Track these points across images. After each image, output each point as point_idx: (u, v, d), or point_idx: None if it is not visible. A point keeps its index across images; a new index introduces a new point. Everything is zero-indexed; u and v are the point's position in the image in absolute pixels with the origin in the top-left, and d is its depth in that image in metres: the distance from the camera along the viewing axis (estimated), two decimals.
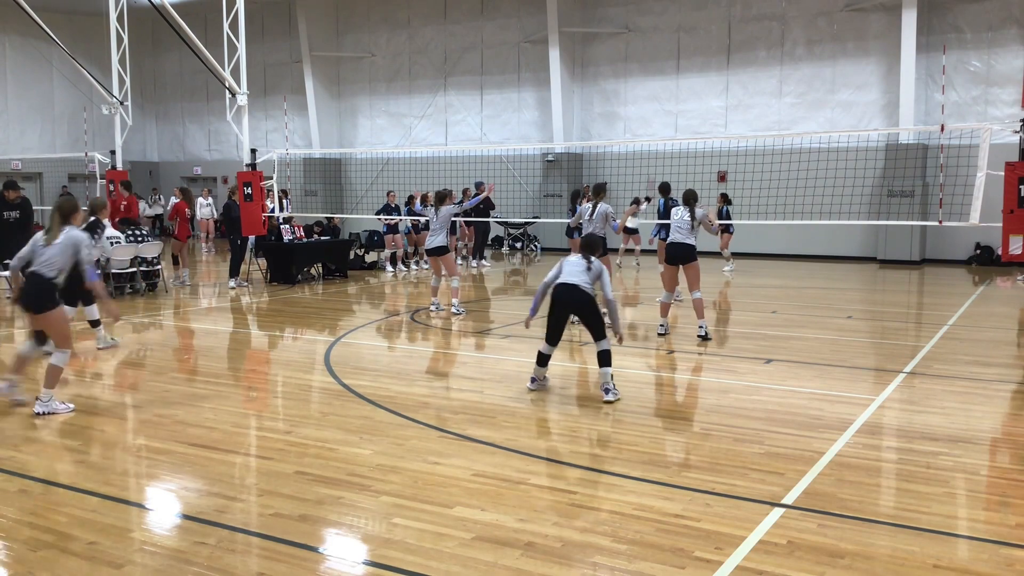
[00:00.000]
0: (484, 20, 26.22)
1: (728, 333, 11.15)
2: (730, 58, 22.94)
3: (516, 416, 6.92)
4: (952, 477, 5.45)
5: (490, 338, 10.83)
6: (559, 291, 7.41)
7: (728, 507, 4.92)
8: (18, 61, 28.81)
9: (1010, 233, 11.17)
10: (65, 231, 6.66)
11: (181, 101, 32.53)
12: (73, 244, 6.67)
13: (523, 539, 4.49)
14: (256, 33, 27.21)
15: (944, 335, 10.66)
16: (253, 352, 10.35)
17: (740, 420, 6.80)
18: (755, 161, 19.62)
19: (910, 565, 4.19)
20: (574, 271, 7.42)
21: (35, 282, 6.67)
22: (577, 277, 7.37)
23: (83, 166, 23.59)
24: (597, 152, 24.94)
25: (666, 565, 4.18)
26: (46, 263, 6.65)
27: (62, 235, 6.62)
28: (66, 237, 6.64)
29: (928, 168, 20.22)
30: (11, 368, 7.13)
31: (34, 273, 6.66)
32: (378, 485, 5.30)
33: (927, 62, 20.40)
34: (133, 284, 14.59)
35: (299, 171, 28.02)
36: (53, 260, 6.64)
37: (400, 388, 7.98)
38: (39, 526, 4.71)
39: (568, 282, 7.37)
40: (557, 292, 7.42)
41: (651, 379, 8.55)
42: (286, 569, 4.18)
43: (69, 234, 6.66)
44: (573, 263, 7.49)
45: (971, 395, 7.60)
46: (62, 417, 6.88)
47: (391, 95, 28.18)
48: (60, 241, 6.59)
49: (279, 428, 6.60)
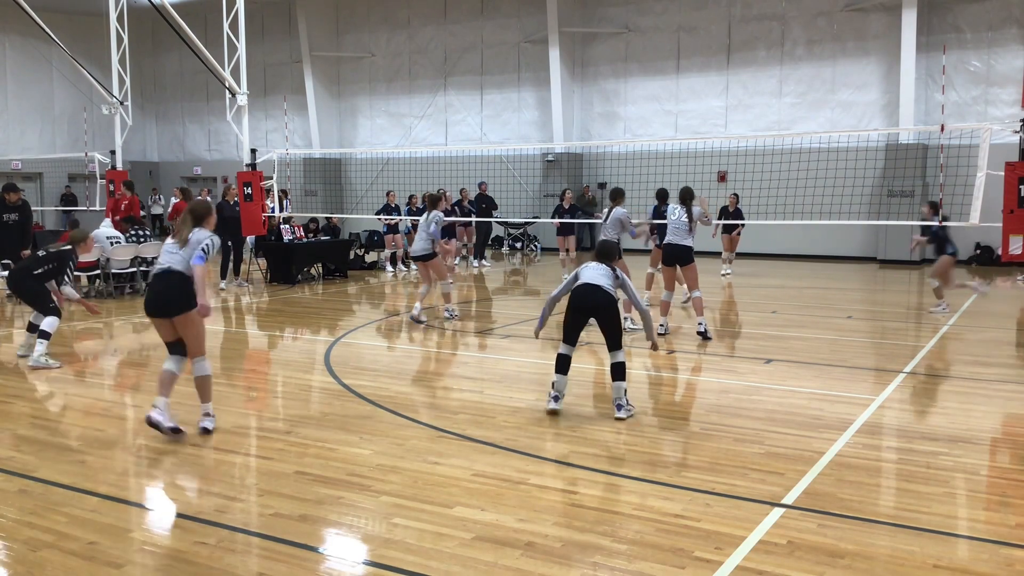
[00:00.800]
0: (484, 20, 26.22)
1: (728, 333, 11.15)
2: (730, 58, 22.94)
3: (516, 416, 6.91)
4: (952, 477, 5.45)
5: (490, 338, 10.83)
6: (581, 291, 6.96)
7: (728, 507, 4.92)
8: (18, 61, 28.81)
9: (1010, 233, 11.18)
10: (195, 233, 6.37)
11: (181, 101, 32.52)
12: (199, 243, 6.33)
13: (523, 539, 4.48)
14: (256, 33, 27.20)
15: (944, 335, 10.67)
16: (253, 352, 10.34)
17: (740, 420, 6.80)
18: (755, 161, 19.61)
19: (910, 565, 4.19)
20: (597, 275, 7.03)
21: (175, 282, 6.25)
22: (601, 280, 6.98)
23: (83, 166, 23.57)
24: (597, 152, 24.94)
25: (666, 565, 4.18)
26: (179, 262, 6.29)
27: (193, 237, 6.35)
28: (195, 239, 6.35)
29: (928, 168, 20.22)
30: (161, 390, 6.35)
31: (169, 271, 6.26)
32: (378, 485, 5.30)
33: (927, 62, 20.40)
34: (133, 284, 14.59)
35: (299, 171, 28.00)
36: (184, 259, 6.30)
37: (400, 388, 7.98)
38: (39, 526, 4.70)
39: (591, 283, 6.97)
40: (578, 292, 7.01)
41: (651, 379, 8.55)
42: (286, 569, 4.18)
43: (198, 236, 6.35)
44: (595, 268, 7.10)
45: (971, 395, 7.60)
46: (62, 417, 6.88)
47: (391, 95, 28.17)
48: (191, 243, 6.30)
49: (279, 428, 6.60)
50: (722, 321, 12.14)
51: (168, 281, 6.26)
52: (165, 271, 6.28)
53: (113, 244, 14.24)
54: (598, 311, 6.93)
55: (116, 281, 14.33)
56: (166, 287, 6.26)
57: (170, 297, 6.24)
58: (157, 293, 6.32)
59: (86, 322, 11.44)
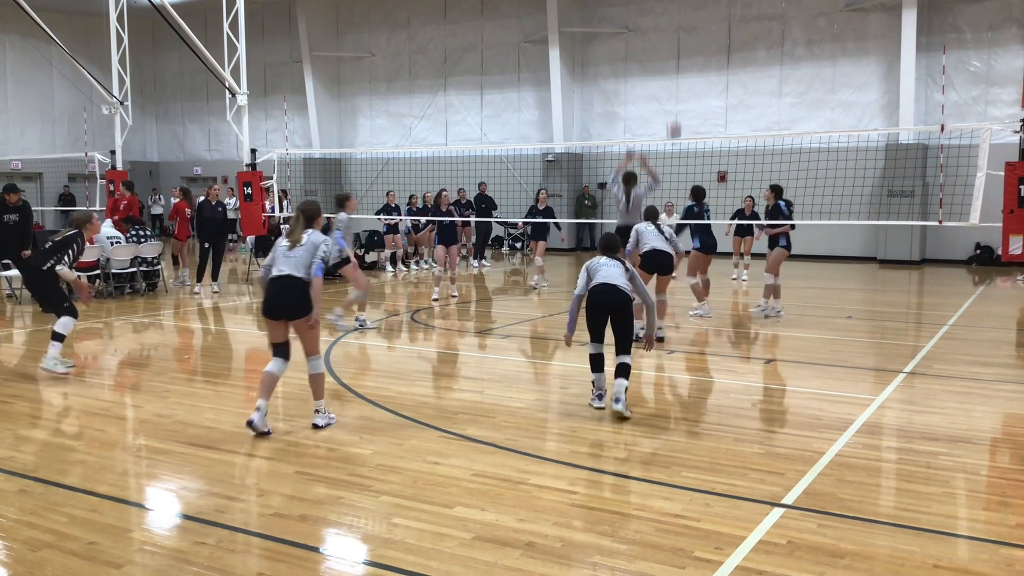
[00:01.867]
0: (484, 20, 26.23)
1: (728, 333, 11.15)
2: (730, 58, 22.94)
3: (516, 416, 6.91)
4: (952, 477, 5.45)
5: (490, 338, 10.83)
6: (598, 291, 6.95)
7: (728, 507, 4.92)
8: (18, 61, 28.82)
9: (1010, 233, 11.18)
10: (308, 234, 6.51)
11: (181, 101, 32.53)
12: (314, 245, 6.48)
13: (523, 539, 4.48)
14: (256, 33, 27.20)
15: (944, 335, 10.66)
16: (253, 352, 10.34)
17: (740, 420, 6.80)
18: (755, 161, 19.60)
19: (910, 565, 4.19)
20: (612, 273, 7.00)
21: (292, 285, 6.36)
22: (617, 279, 6.96)
23: (83, 166, 23.59)
24: (597, 152, 24.95)
25: (666, 565, 4.18)
26: (296, 267, 6.40)
27: (305, 237, 6.48)
28: (309, 240, 6.47)
29: (928, 168, 20.22)
30: (263, 393, 6.44)
31: (289, 277, 6.35)
32: (378, 485, 5.30)
33: (927, 62, 20.41)
34: (133, 284, 14.59)
35: (299, 171, 28.01)
36: (301, 262, 6.42)
37: (400, 388, 7.98)
38: (39, 526, 4.70)
39: (609, 282, 6.96)
40: (595, 293, 6.96)
41: (651, 379, 8.54)
42: (286, 569, 4.18)
43: (311, 237, 6.48)
44: (608, 264, 7.07)
45: (971, 395, 7.60)
46: (62, 417, 6.88)
47: (391, 95, 28.18)
48: (304, 244, 6.45)
49: (279, 428, 6.60)
50: (722, 321, 12.13)
51: (287, 285, 6.38)
52: (284, 276, 6.39)
53: (113, 244, 14.24)
54: (615, 311, 6.94)
55: (116, 281, 14.32)
56: (285, 292, 6.38)
57: (288, 302, 6.38)
58: (275, 297, 6.42)
59: (86, 322, 11.43)
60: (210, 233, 14.82)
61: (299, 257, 6.40)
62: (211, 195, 14.99)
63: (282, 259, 6.44)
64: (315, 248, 6.43)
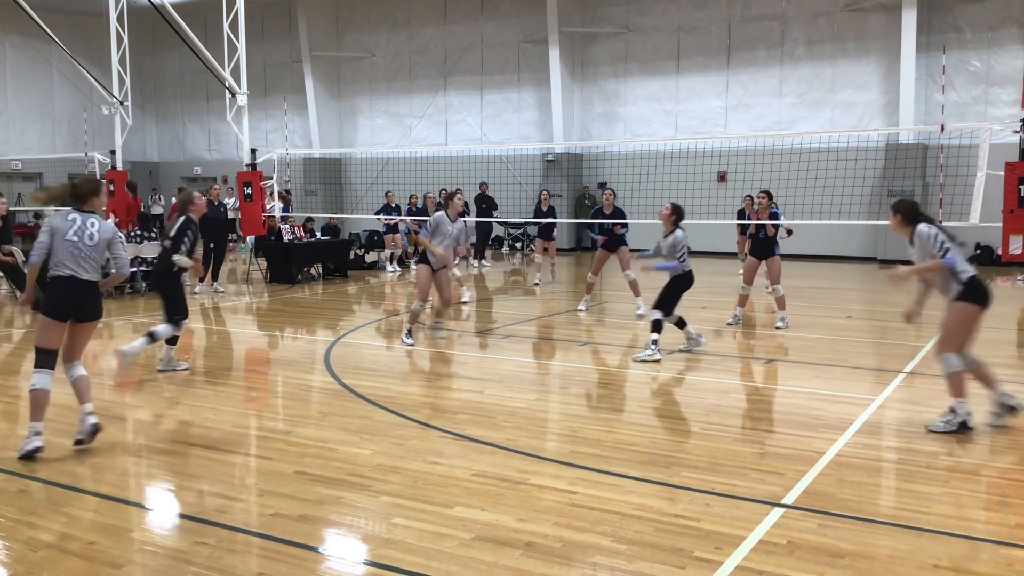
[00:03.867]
0: (484, 20, 26.22)
1: (728, 333, 11.14)
2: (730, 58, 22.94)
3: (516, 416, 6.91)
4: (952, 477, 5.45)
5: (490, 338, 10.83)
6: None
7: (728, 507, 4.92)
8: (18, 61, 28.80)
9: (1010, 233, 11.20)
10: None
11: (181, 101, 32.52)
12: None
13: (523, 539, 4.48)
14: (256, 33, 27.20)
15: None
16: (253, 352, 10.34)
17: (740, 420, 6.80)
18: (755, 161, 19.61)
19: (910, 565, 4.19)
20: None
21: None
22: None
23: (83, 166, 23.58)
24: (597, 152, 24.94)
25: (666, 565, 4.18)
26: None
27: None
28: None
29: (928, 168, 20.22)
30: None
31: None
32: (378, 485, 5.30)
33: (927, 62, 20.40)
34: (133, 284, 14.59)
35: (299, 171, 28.02)
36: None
37: (400, 388, 7.98)
38: (39, 526, 4.70)
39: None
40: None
41: (652, 379, 8.54)
42: (286, 569, 4.18)
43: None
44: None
45: (971, 395, 7.59)
46: (62, 417, 6.87)
47: (391, 95, 28.18)
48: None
49: (279, 428, 6.60)
50: (722, 320, 12.12)
51: None
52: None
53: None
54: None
55: None
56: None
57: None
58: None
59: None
60: (213, 233, 14.82)
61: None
62: (212, 195, 15.17)
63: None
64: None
